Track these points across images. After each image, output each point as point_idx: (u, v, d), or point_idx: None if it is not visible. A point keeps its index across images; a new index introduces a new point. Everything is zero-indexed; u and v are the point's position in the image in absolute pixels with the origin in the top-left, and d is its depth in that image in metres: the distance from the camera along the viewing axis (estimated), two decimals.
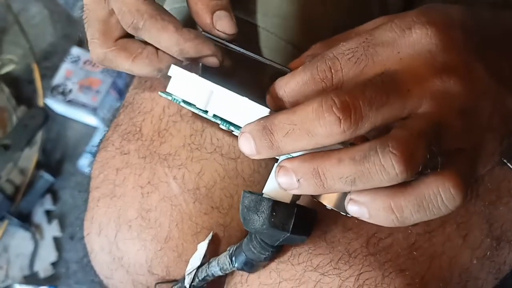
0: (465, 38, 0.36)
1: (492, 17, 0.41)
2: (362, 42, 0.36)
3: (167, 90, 0.44)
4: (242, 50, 0.47)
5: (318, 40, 0.49)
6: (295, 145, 0.35)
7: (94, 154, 0.57)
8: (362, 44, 0.36)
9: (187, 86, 0.43)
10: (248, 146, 0.36)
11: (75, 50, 1.42)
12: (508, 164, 0.49)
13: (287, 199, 0.41)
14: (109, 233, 0.53)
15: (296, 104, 0.36)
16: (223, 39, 0.47)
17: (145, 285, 0.54)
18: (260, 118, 0.36)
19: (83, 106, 1.37)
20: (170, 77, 0.44)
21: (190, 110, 0.45)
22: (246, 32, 0.55)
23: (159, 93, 0.46)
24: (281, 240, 0.42)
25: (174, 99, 0.44)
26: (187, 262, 0.52)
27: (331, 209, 0.40)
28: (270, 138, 0.35)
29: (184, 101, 0.43)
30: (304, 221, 0.42)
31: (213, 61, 0.46)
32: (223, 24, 0.46)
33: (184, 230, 0.52)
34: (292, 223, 0.41)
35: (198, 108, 0.42)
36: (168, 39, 0.44)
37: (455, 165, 0.34)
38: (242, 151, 0.37)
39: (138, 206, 0.52)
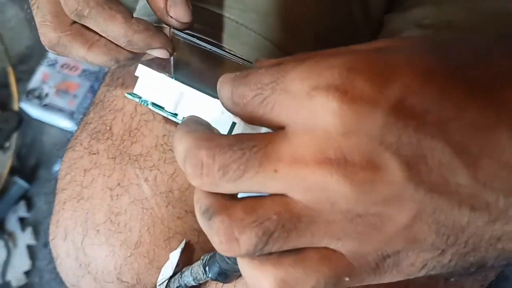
0: (386, 123, 0.25)
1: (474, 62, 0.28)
2: (272, 81, 0.27)
3: (134, 91, 0.42)
4: (209, 46, 0.44)
5: (298, 38, 0.47)
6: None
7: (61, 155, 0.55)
8: (271, 85, 0.27)
9: (155, 87, 0.40)
10: None
11: (52, 54, 1.40)
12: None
13: None
14: (75, 238, 0.51)
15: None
16: (176, 28, 0.44)
17: None
18: (183, 121, 0.32)
19: (59, 110, 1.34)
20: (137, 77, 0.41)
21: (159, 113, 0.42)
22: (223, 27, 0.53)
23: (126, 94, 0.43)
24: None
25: (142, 101, 0.42)
26: (158, 269, 0.50)
27: None
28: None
29: (153, 104, 0.41)
30: None
31: (162, 53, 0.43)
32: (177, 11, 0.43)
33: (156, 235, 0.50)
34: None
35: (167, 111, 0.40)
36: (115, 29, 0.41)
37: (287, 262, 0.28)
38: None
39: (106, 209, 0.50)
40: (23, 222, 1.33)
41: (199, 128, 0.30)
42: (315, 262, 0.27)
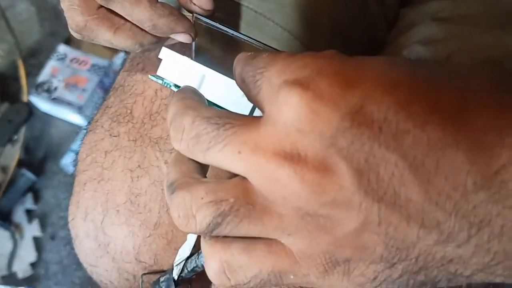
0: (342, 126, 0.25)
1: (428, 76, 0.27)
2: (264, 67, 0.29)
3: (157, 73, 0.42)
4: (231, 31, 0.45)
5: (315, 29, 0.48)
6: None
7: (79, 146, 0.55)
8: (261, 70, 0.29)
9: (178, 69, 0.41)
10: None
11: (62, 48, 1.41)
12: None
13: None
14: (95, 217, 0.51)
15: None
16: (200, 14, 0.45)
17: (131, 274, 0.52)
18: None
19: (68, 104, 1.35)
20: (161, 59, 0.42)
21: None
22: (242, 16, 0.54)
23: (149, 76, 0.44)
24: None
25: (165, 82, 0.42)
26: (176, 250, 0.50)
27: None
28: None
29: (176, 85, 0.42)
30: None
31: (185, 38, 0.45)
32: None
33: None
34: None
35: None
36: (141, 13, 0.42)
37: (245, 251, 0.29)
38: None
39: (127, 190, 0.51)
40: (30, 214, 1.34)
41: (193, 97, 0.32)
42: (261, 254, 0.28)
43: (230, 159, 0.27)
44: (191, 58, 0.41)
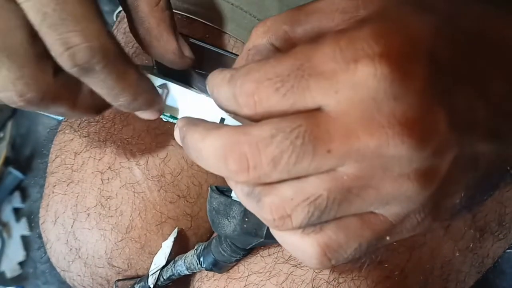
0: (429, 76, 0.26)
1: (479, 29, 0.30)
2: (296, 68, 0.26)
3: None
4: (207, 45, 0.43)
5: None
6: (205, 168, 0.29)
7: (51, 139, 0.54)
8: (296, 73, 0.26)
9: None
10: (177, 139, 0.31)
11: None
12: None
13: None
14: (65, 221, 0.50)
15: (224, 109, 0.30)
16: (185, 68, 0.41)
17: (104, 279, 0.50)
18: (187, 120, 0.30)
19: None
20: None
21: None
22: (218, 9, 0.52)
23: None
24: (253, 244, 0.39)
25: None
26: (150, 254, 0.49)
27: None
28: (188, 152, 0.30)
29: None
30: None
31: (154, 115, 0.38)
32: (187, 50, 0.40)
33: (148, 219, 0.49)
34: (266, 228, 0.37)
35: None
36: (124, 90, 0.34)
37: (337, 232, 0.28)
38: None
39: (97, 193, 0.49)
40: (17, 212, 1.33)
41: (215, 125, 0.29)
42: (357, 228, 0.28)
43: (320, 163, 0.26)
44: (153, 72, 0.38)
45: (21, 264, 1.28)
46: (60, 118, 1.36)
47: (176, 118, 0.37)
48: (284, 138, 0.26)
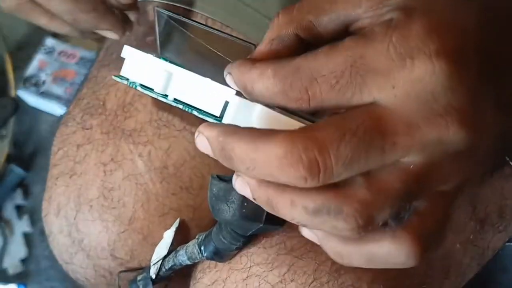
0: (479, 65, 0.29)
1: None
2: (350, 65, 0.28)
3: (121, 73, 0.40)
4: (193, 22, 0.43)
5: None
6: (257, 178, 0.30)
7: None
8: (350, 69, 0.28)
9: (143, 68, 0.39)
10: (205, 149, 0.31)
11: (50, 41, 1.39)
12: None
13: None
14: (68, 213, 0.50)
15: (266, 104, 0.31)
16: (118, 7, 0.43)
17: (107, 270, 0.50)
18: (220, 129, 0.30)
19: (56, 98, 1.33)
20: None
21: (149, 95, 0.40)
22: (221, 4, 0.52)
23: (113, 77, 0.41)
24: (253, 230, 0.39)
25: (130, 83, 0.40)
26: (153, 245, 0.49)
27: None
28: (231, 163, 0.30)
29: (142, 85, 0.39)
30: None
31: (111, 35, 0.43)
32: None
33: (150, 211, 0.49)
34: (265, 213, 0.37)
35: (156, 93, 0.38)
36: (59, 5, 0.39)
37: (424, 221, 0.30)
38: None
39: (100, 184, 0.49)
40: (20, 210, 1.32)
41: (259, 132, 0.29)
42: (438, 210, 0.30)
43: (388, 156, 0.28)
44: (157, 55, 0.39)
45: (23, 261, 1.27)
46: (62, 113, 1.36)
47: (180, 103, 0.37)
48: (353, 135, 0.27)
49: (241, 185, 0.31)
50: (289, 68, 0.29)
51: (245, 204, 0.36)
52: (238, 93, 0.35)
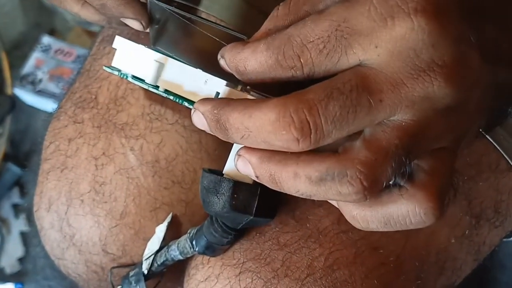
0: (461, 19, 0.30)
1: None
2: (334, 29, 0.29)
3: (112, 64, 0.40)
4: (189, 15, 0.43)
5: None
6: (252, 146, 0.31)
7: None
8: (335, 33, 0.29)
9: (134, 59, 0.39)
10: (201, 125, 0.32)
11: (46, 39, 1.38)
12: (487, 136, 0.46)
13: (249, 179, 0.37)
14: (59, 208, 0.49)
15: (261, 83, 0.32)
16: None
17: (99, 266, 0.50)
18: (214, 103, 0.32)
19: (53, 96, 1.33)
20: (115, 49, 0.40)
21: (140, 86, 0.40)
22: None
23: (104, 67, 0.42)
24: (244, 223, 0.39)
25: (121, 74, 0.40)
26: (145, 240, 0.48)
27: None
28: (226, 134, 0.31)
29: (133, 77, 0.39)
30: (268, 202, 0.38)
31: (134, 24, 0.43)
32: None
33: (142, 205, 0.49)
34: (255, 206, 0.37)
35: (148, 84, 0.38)
36: None
37: (434, 178, 0.31)
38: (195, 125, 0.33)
39: (91, 178, 0.49)
40: (16, 208, 1.32)
41: (252, 101, 0.30)
42: (444, 164, 0.32)
43: (375, 113, 0.29)
44: (150, 46, 0.39)
45: (21, 260, 1.27)
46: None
47: (171, 94, 0.37)
48: (340, 93, 0.28)
49: (243, 165, 0.32)
50: (281, 38, 0.30)
51: (235, 195, 0.36)
52: (229, 85, 0.35)
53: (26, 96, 1.36)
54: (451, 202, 0.45)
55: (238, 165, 0.32)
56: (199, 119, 0.32)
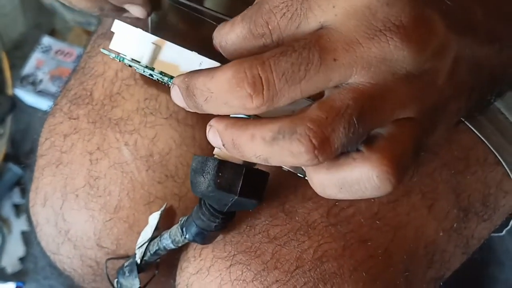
0: None
1: None
2: None
3: (109, 47, 0.41)
4: (191, 4, 0.44)
5: None
6: (217, 111, 0.31)
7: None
8: None
9: (131, 42, 0.39)
10: (179, 100, 0.33)
11: (46, 39, 1.39)
12: (475, 130, 0.46)
13: (239, 160, 0.37)
14: (54, 203, 0.50)
15: (239, 57, 0.31)
16: None
17: (94, 260, 0.51)
18: (187, 73, 0.33)
19: (53, 96, 1.33)
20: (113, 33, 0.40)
21: (136, 70, 0.41)
22: None
23: (101, 50, 0.42)
24: (229, 204, 0.39)
25: (118, 57, 0.41)
26: (138, 234, 0.49)
27: (288, 171, 0.37)
28: (194, 100, 0.31)
29: (131, 59, 0.40)
30: (254, 183, 0.38)
31: (140, 11, 0.43)
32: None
33: (136, 199, 0.49)
34: (240, 185, 0.37)
35: (143, 66, 0.39)
36: None
37: (391, 143, 0.30)
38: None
39: (86, 173, 0.49)
40: (17, 208, 1.32)
41: (219, 66, 0.31)
42: (405, 132, 0.30)
43: (329, 72, 0.28)
44: (147, 30, 0.39)
45: (22, 259, 1.27)
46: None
47: (166, 76, 0.38)
48: (293, 51, 0.28)
49: (213, 135, 0.32)
50: (253, 8, 0.30)
51: (220, 174, 0.37)
52: None
53: (27, 97, 1.36)
54: (440, 196, 0.46)
55: (208, 135, 0.33)
56: (175, 91, 0.33)
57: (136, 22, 0.44)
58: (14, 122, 1.37)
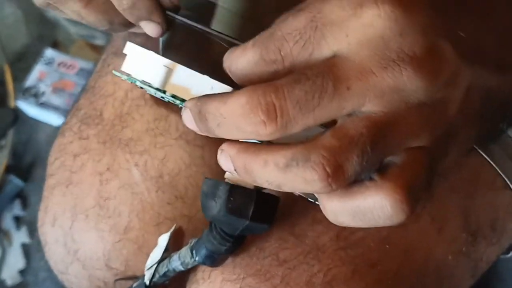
0: (431, 9, 0.29)
1: None
2: (310, 21, 0.29)
3: (122, 69, 0.41)
4: (201, 27, 0.44)
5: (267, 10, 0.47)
6: (229, 135, 0.31)
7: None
8: (310, 24, 0.29)
9: (143, 64, 0.39)
10: (190, 123, 0.33)
11: (49, 52, 1.39)
12: (482, 154, 0.47)
13: (250, 184, 0.37)
14: (64, 223, 0.50)
15: (251, 83, 0.31)
16: (167, 8, 0.43)
17: (102, 281, 0.51)
18: (199, 97, 0.33)
19: (56, 109, 1.33)
20: (125, 55, 0.41)
21: (147, 93, 0.41)
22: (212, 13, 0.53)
23: (113, 71, 0.42)
24: (240, 228, 0.39)
25: (130, 79, 0.41)
26: (147, 255, 0.49)
27: (298, 195, 0.37)
28: (206, 124, 0.31)
29: (143, 81, 0.40)
30: (265, 208, 0.38)
31: (155, 30, 0.42)
32: None
33: (145, 220, 0.49)
34: (251, 210, 0.37)
35: (155, 88, 0.39)
36: None
37: (403, 172, 0.30)
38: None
39: (95, 194, 0.49)
40: (18, 220, 1.32)
41: (231, 91, 0.31)
42: (417, 161, 0.30)
43: (342, 101, 0.28)
44: (159, 53, 0.40)
45: (22, 272, 1.27)
46: (60, 123, 1.36)
47: (178, 99, 0.38)
48: (306, 79, 0.28)
49: (224, 159, 0.32)
50: (265, 34, 0.30)
51: (231, 199, 0.37)
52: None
53: (29, 109, 1.36)
54: (449, 220, 0.46)
55: (220, 160, 0.32)
56: (187, 115, 0.33)
57: (145, 41, 0.44)
58: (16, 134, 1.37)
